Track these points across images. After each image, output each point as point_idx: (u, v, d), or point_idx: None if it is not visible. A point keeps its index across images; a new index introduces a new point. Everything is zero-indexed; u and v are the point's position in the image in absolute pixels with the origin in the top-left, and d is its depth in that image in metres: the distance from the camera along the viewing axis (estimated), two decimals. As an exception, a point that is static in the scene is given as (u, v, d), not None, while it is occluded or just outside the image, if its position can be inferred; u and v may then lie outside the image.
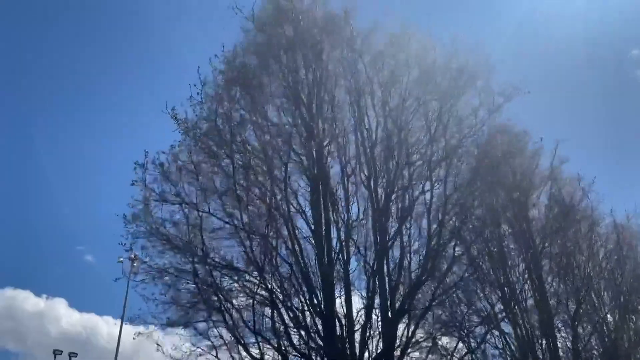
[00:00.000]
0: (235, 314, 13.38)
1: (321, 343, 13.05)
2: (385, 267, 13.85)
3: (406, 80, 14.87)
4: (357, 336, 13.32)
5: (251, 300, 13.40)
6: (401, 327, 13.94)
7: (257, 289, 13.47)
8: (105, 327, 63.24)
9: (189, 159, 13.84)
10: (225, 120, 14.18)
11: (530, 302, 19.86)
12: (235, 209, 13.60)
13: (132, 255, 14.66)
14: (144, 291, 13.66)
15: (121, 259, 14.69)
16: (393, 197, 14.09)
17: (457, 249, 15.61)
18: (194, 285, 13.74)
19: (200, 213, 13.48)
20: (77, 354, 28.20)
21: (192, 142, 14.29)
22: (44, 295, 69.01)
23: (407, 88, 14.92)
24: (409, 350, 14.22)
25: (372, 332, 13.48)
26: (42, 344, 55.92)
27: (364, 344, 13.23)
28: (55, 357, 27.42)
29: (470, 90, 15.38)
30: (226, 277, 14.02)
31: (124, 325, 28.15)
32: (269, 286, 13.18)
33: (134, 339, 13.73)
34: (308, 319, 13.17)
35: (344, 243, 13.66)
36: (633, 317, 22.51)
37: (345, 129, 14.81)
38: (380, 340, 13.58)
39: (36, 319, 61.01)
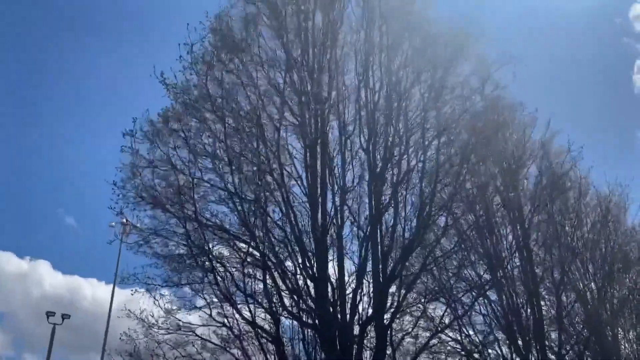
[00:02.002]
0: (227, 276, 13.45)
1: (313, 305, 13.18)
2: (378, 233, 13.92)
3: (406, 46, 14.68)
4: (348, 300, 13.45)
5: (243, 263, 13.46)
6: (391, 292, 14.14)
7: (248, 250, 13.49)
8: (90, 289, 63.36)
9: (179, 125, 13.65)
10: (216, 85, 13.93)
11: (516, 271, 20.20)
12: (227, 172, 13.55)
13: (124, 220, 14.58)
14: (137, 253, 13.68)
15: (113, 223, 14.58)
16: (389, 163, 14.05)
17: (448, 219, 15.81)
18: (185, 247, 13.75)
19: (191, 178, 13.39)
20: (69, 316, 28.19)
21: (182, 108, 14.08)
22: (27, 257, 68.52)
23: (406, 54, 14.73)
24: (398, 315, 14.48)
25: (362, 296, 13.64)
26: (26, 305, 55.96)
27: (354, 308, 13.38)
28: (47, 318, 27.41)
29: (464, 58, 15.19)
30: (217, 239, 14.03)
31: (110, 288, 28.26)
32: (262, 249, 13.21)
33: (132, 294, 13.80)
34: (300, 282, 13.27)
35: (338, 208, 13.68)
36: (615, 286, 23.03)
37: (347, 90, 14.63)
38: (371, 304, 13.74)
39: (20, 280, 60.77)
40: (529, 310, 19.36)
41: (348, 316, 13.33)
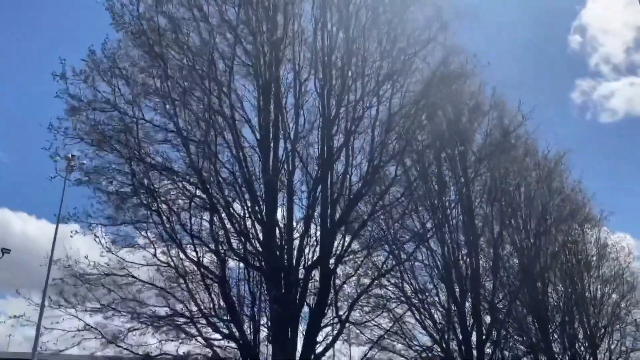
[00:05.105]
0: (173, 217, 13.23)
1: (260, 248, 13.22)
2: (328, 179, 13.97)
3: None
4: (296, 244, 13.55)
5: (191, 204, 13.26)
6: (337, 238, 14.33)
7: (195, 191, 13.29)
8: (19, 223, 61.53)
9: (123, 62, 13.03)
10: (165, 18, 13.31)
11: (458, 222, 20.90)
12: (173, 112, 13.14)
13: (69, 155, 14.00)
14: (79, 186, 13.22)
15: (57, 158, 14.04)
16: (343, 109, 13.95)
17: (397, 169, 16.00)
18: (130, 186, 13.35)
19: (135, 118, 12.92)
20: (10, 250, 27.40)
21: (128, 39, 13.41)
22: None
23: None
24: (343, 260, 14.75)
25: (309, 241, 13.74)
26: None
27: (301, 252, 13.50)
28: (-14, 252, 26.58)
29: (421, 2, 14.94)
30: (164, 180, 13.71)
31: (40, 224, 27.43)
32: (210, 191, 13.03)
33: (71, 237, 13.37)
34: (248, 225, 13.23)
35: (290, 153, 13.59)
36: (548, 242, 24.31)
37: (303, 30, 14.26)
38: (317, 249, 13.90)
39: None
40: (467, 260, 20.18)
41: (294, 260, 13.46)
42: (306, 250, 13.59)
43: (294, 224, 13.74)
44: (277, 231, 13.34)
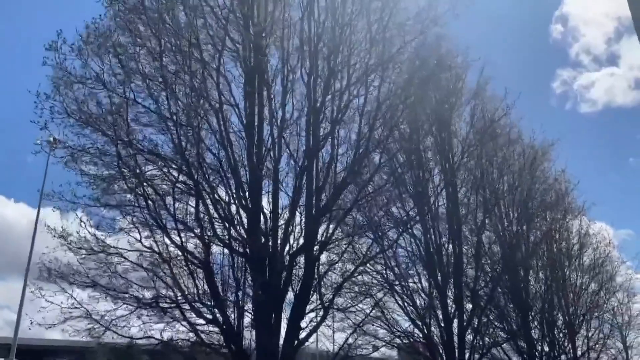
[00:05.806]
0: (157, 201, 13.18)
1: (244, 235, 13.24)
2: (314, 167, 13.98)
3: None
4: (280, 231, 13.59)
5: (176, 189, 13.20)
6: (322, 225, 14.39)
7: (179, 176, 13.24)
8: None
9: (111, 39, 12.83)
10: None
11: (442, 210, 21.08)
12: (162, 94, 13.04)
13: (52, 138, 13.82)
14: (64, 169, 13.09)
15: (38, 140, 13.83)
16: (329, 97, 13.92)
17: (382, 156, 16.08)
18: (115, 168, 13.24)
19: (124, 98, 12.76)
20: None
21: (117, 18, 13.22)
22: None
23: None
24: (327, 247, 14.84)
25: (294, 228, 13.79)
26: None
27: (286, 239, 13.56)
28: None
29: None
30: (150, 163, 13.62)
31: (20, 206, 27.11)
32: (195, 176, 12.99)
33: (53, 210, 13.26)
34: (233, 211, 13.23)
35: (276, 140, 13.56)
36: (531, 230, 24.61)
37: (290, 18, 14.12)
38: (302, 236, 13.96)
39: None
40: (450, 247, 20.37)
41: (279, 246, 13.50)
42: (291, 238, 13.66)
43: (279, 210, 13.78)
44: (262, 218, 13.35)
